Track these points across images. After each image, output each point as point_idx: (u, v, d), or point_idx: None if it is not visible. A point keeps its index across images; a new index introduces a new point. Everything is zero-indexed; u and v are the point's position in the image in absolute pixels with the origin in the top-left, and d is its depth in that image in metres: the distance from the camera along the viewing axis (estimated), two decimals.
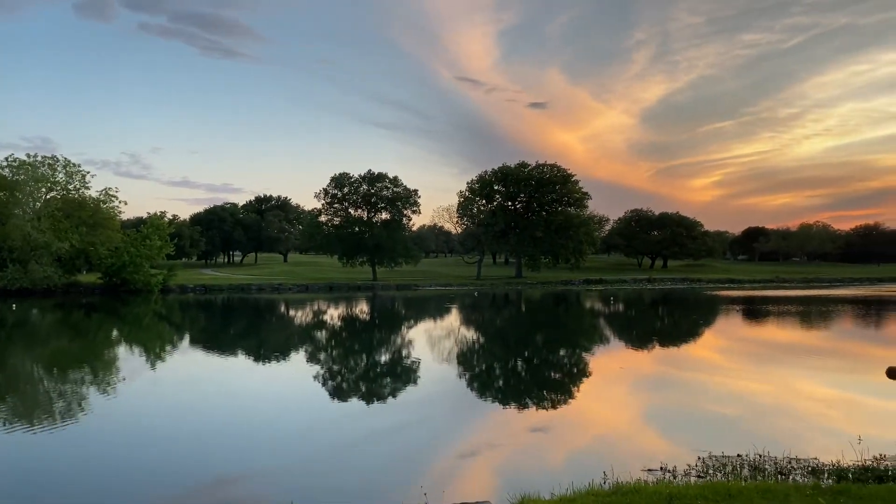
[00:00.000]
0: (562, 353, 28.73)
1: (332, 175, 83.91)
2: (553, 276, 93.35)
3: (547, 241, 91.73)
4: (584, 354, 28.00)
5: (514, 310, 53.04)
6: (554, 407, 17.24)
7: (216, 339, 32.53)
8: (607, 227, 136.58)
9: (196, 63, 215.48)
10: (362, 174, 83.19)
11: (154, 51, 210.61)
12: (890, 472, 9.73)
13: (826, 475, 9.80)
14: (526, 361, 26.09)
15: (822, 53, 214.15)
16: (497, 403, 17.93)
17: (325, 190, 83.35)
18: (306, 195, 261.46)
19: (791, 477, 9.77)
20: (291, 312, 48.85)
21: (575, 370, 23.82)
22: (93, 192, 63.84)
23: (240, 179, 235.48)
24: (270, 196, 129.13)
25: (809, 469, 10.18)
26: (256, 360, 26.00)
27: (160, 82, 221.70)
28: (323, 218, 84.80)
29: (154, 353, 28.03)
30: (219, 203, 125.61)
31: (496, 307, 54.94)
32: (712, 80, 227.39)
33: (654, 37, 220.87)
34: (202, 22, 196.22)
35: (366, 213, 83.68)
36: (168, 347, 29.65)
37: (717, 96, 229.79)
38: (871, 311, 49.31)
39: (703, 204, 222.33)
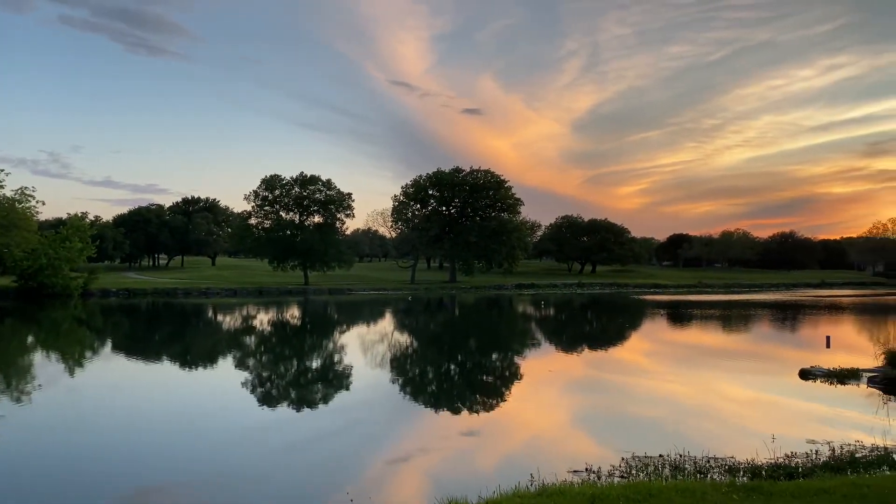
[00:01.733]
0: (494, 356, 29.02)
1: (263, 177, 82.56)
2: (486, 280, 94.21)
3: (480, 245, 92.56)
4: (515, 358, 28.36)
5: (448, 314, 53.26)
6: (485, 410, 17.41)
7: (140, 346, 31.41)
8: (539, 233, 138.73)
9: (121, 59, 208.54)
10: (294, 176, 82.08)
11: (76, 45, 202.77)
12: (800, 469, 10.25)
13: (741, 473, 10.24)
14: (459, 365, 26.24)
15: (742, 67, 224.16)
16: (429, 408, 17.98)
17: (255, 192, 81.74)
18: (236, 197, 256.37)
19: (709, 475, 10.16)
20: (219, 317, 47.68)
21: (507, 374, 24.10)
22: (7, 192, 60.62)
23: (166, 180, 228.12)
24: (198, 197, 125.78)
25: (726, 467, 10.61)
26: (182, 366, 25.25)
27: (82, 78, 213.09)
28: (253, 220, 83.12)
29: (73, 359, 26.84)
30: (144, 204, 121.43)
31: (430, 311, 55.03)
32: (640, 91, 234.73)
33: (584, 47, 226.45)
34: (127, 17, 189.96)
35: (298, 216, 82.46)
36: (88, 354, 28.46)
37: (645, 106, 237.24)
38: (786, 315, 51.75)
39: (631, 211, 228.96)
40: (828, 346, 28.57)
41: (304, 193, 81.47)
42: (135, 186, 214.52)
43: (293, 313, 50.99)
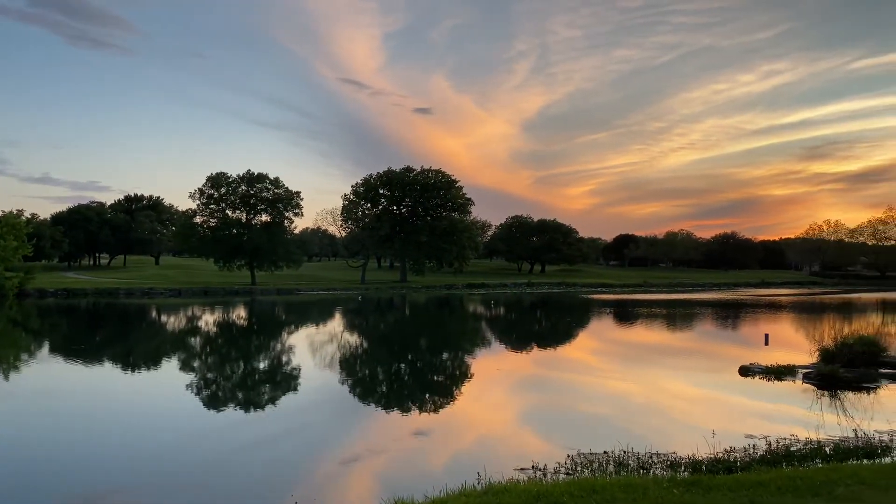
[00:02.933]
0: (444, 356, 29.09)
1: (209, 175, 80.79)
2: (437, 280, 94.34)
3: (431, 245, 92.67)
4: (465, 357, 28.49)
5: (399, 314, 53.14)
6: (435, 410, 17.44)
7: (80, 348, 30.37)
8: (489, 233, 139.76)
9: (61, 52, 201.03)
10: (241, 174, 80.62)
11: (12, 36, 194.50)
12: (738, 463, 10.57)
13: (683, 468, 10.50)
14: (409, 366, 26.21)
15: (687, 71, 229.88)
16: (379, 408, 17.91)
17: (200, 190, 79.99)
18: (181, 195, 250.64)
19: (652, 471, 10.40)
20: (163, 318, 46.54)
21: (457, 373, 24.18)
22: None
23: (108, 177, 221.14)
24: (141, 195, 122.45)
25: (668, 463, 10.86)
26: (124, 369, 24.55)
27: (20, 70, 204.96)
28: (198, 219, 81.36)
29: (7, 362, 25.81)
30: (84, 202, 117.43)
31: (380, 311, 54.82)
32: (588, 93, 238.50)
33: (533, 49, 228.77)
34: (67, 8, 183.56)
35: (244, 214, 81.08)
36: (24, 356, 27.42)
37: (593, 108, 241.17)
38: (728, 313, 53.31)
39: (579, 211, 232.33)
40: (766, 343, 29.53)
41: (252, 192, 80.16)
42: (74, 184, 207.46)
43: (240, 314, 50.12)
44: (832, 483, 8.28)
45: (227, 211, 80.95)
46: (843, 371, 20.11)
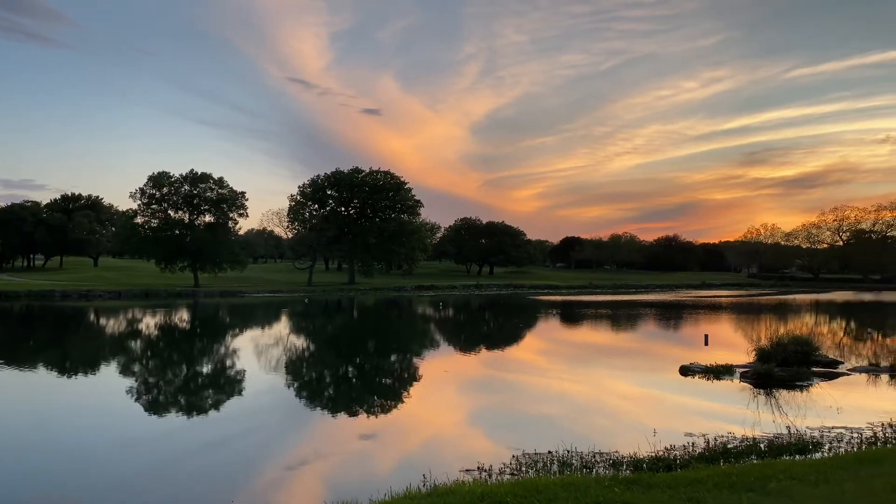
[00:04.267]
0: (392, 358, 29.01)
1: (151, 174, 78.77)
2: (386, 282, 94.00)
3: (380, 247, 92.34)
4: (413, 359, 28.47)
5: (347, 316, 52.75)
6: (382, 413, 17.39)
7: (12, 352, 29.17)
8: (439, 235, 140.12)
9: None
10: (184, 174, 78.80)
11: None
12: (678, 461, 10.86)
13: (624, 466, 10.74)
14: (357, 368, 26.05)
15: (632, 77, 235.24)
16: (326, 412, 17.75)
17: (141, 189, 77.93)
18: (121, 195, 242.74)
19: (595, 470, 10.59)
20: (102, 321, 45.11)
21: (405, 375, 24.15)
22: None
23: (43, 175, 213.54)
24: (79, 195, 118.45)
25: (611, 461, 11.09)
26: (61, 374, 23.69)
27: None
28: (139, 219, 79.19)
29: None
30: (17, 201, 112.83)
31: (328, 314, 54.32)
32: (535, 97, 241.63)
33: (482, 52, 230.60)
34: None
35: (187, 215, 79.27)
36: None
37: (540, 113, 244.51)
38: (670, 314, 54.65)
39: (527, 214, 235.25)
40: (706, 343, 30.40)
41: (195, 192, 78.45)
42: (7, 182, 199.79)
43: (182, 316, 48.96)
44: (766, 478, 8.58)
45: (169, 211, 79.09)
46: (777, 370, 20.86)
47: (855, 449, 12.02)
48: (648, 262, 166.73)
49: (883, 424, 14.07)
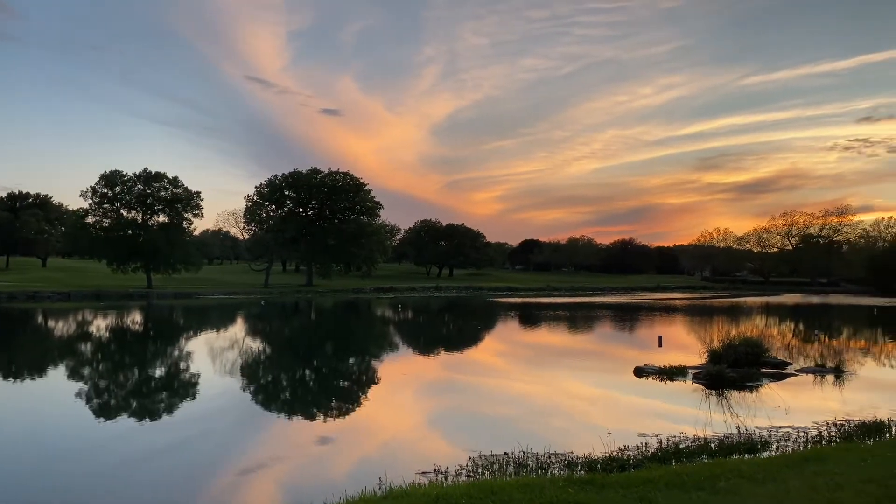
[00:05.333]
0: (350, 361, 28.83)
1: (102, 173, 76.83)
2: (344, 284, 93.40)
3: (339, 248, 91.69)
4: (372, 362, 28.37)
5: (304, 318, 52.24)
6: (340, 416, 17.28)
7: None
8: (398, 237, 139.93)
9: None
10: (137, 173, 77.02)
11: None
12: (631, 461, 11.04)
13: (579, 467, 10.87)
14: (314, 371, 25.82)
15: (590, 82, 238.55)
16: (282, 415, 17.55)
17: (93, 188, 75.95)
18: (71, 194, 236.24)
19: (550, 470, 10.69)
20: (50, 323, 43.82)
21: (363, 378, 24.04)
22: None
23: None
24: (27, 193, 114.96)
25: (566, 462, 11.20)
26: (5, 378, 22.92)
27: None
28: (90, 219, 77.12)
29: None
30: None
31: (285, 316, 53.73)
32: (495, 101, 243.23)
33: (442, 54, 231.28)
34: None
35: (141, 214, 77.55)
36: None
37: (500, 116, 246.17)
38: (625, 316, 55.51)
39: (487, 216, 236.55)
40: (660, 345, 30.96)
41: (149, 191, 76.80)
42: None
43: (134, 318, 47.88)
44: (715, 477, 8.78)
45: (121, 211, 77.28)
46: (728, 371, 21.36)
47: (801, 448, 12.38)
48: (605, 264, 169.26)
49: (828, 424, 14.52)
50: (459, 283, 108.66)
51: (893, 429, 13.77)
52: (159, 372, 24.71)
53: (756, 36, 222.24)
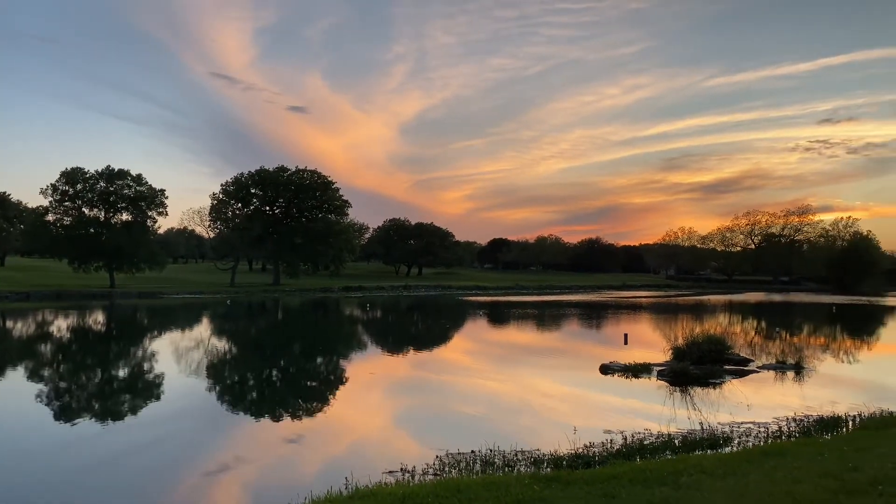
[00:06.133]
0: (318, 361, 28.66)
1: (63, 170, 75.03)
2: (312, 283, 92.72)
3: (306, 247, 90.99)
4: (340, 361, 28.22)
5: (271, 318, 51.75)
6: (307, 416, 17.16)
7: None
8: (367, 236, 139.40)
9: None
10: (100, 170, 75.36)
11: None
12: (596, 458, 11.17)
13: (545, 464, 10.96)
14: (281, 371, 25.61)
15: (558, 83, 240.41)
16: (249, 416, 17.36)
17: (53, 186, 74.11)
18: (30, 191, 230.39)
19: (516, 468, 10.76)
20: (9, 323, 42.72)
21: (331, 378, 23.91)
22: None
23: None
24: None
25: (532, 459, 11.29)
26: None
27: None
28: (50, 217, 75.32)
29: None
30: None
31: (251, 315, 53.17)
32: (464, 100, 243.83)
33: (411, 52, 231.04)
34: None
35: (103, 212, 75.99)
36: None
37: (469, 115, 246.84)
38: (592, 314, 56.07)
39: (456, 215, 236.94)
40: (626, 343, 31.33)
41: (111, 189, 75.26)
42: None
43: (97, 318, 46.95)
44: (678, 473, 8.93)
45: (83, 209, 75.63)
46: (692, 368, 21.72)
47: (761, 443, 12.66)
48: (572, 263, 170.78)
49: (787, 419, 14.88)
50: (429, 282, 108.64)
51: (850, 424, 14.15)
52: (122, 373, 24.28)
53: (720, 38, 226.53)
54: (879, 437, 11.77)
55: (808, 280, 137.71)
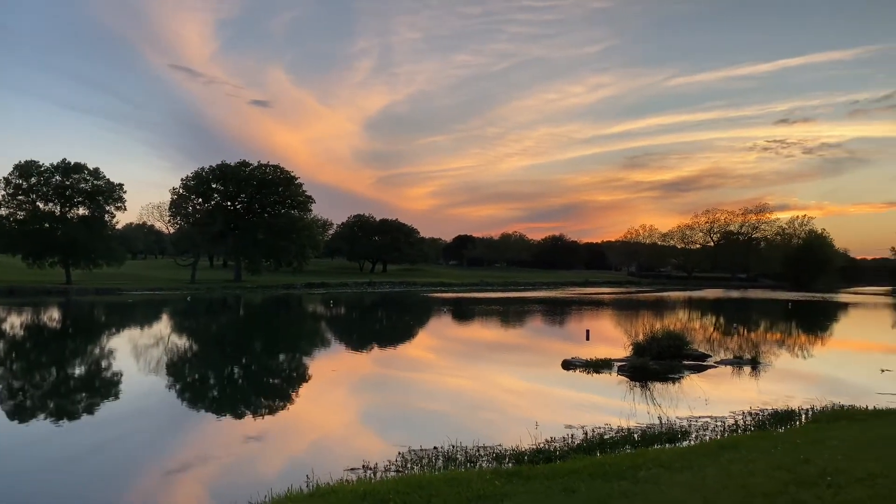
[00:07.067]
0: (280, 358, 28.39)
1: (17, 163, 72.99)
2: (274, 279, 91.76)
3: (269, 243, 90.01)
4: (302, 359, 28.01)
5: (232, 315, 51.10)
6: (269, 414, 17.00)
7: None
8: (331, 232, 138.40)
9: None
10: (55, 163, 73.56)
11: None
12: (557, 453, 11.29)
13: (507, 459, 11.04)
14: (242, 368, 25.31)
15: (522, 80, 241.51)
16: (210, 414, 17.12)
17: (6, 179, 72.16)
18: None
19: (478, 464, 10.83)
20: None
21: (293, 375, 23.73)
22: None
23: None
24: None
25: (494, 455, 11.36)
26: None
27: None
28: (3, 211, 73.23)
29: None
30: None
31: (212, 312, 52.42)
32: (429, 96, 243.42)
33: (375, 47, 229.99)
34: None
35: (59, 207, 74.21)
36: None
37: (434, 111, 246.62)
38: (555, 310, 56.58)
39: (421, 212, 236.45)
40: (587, 338, 31.69)
41: (67, 183, 73.48)
42: None
43: (52, 315, 45.80)
44: (637, 467, 9.08)
45: (38, 203, 73.75)
46: (652, 363, 22.09)
47: (718, 436, 12.94)
48: (536, 260, 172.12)
49: (743, 413, 15.23)
50: (393, 279, 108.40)
51: (803, 417, 14.56)
52: (79, 371, 23.74)
53: (682, 38, 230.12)
54: (830, 429, 12.13)
55: (764, 277, 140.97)
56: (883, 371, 22.86)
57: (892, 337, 40.35)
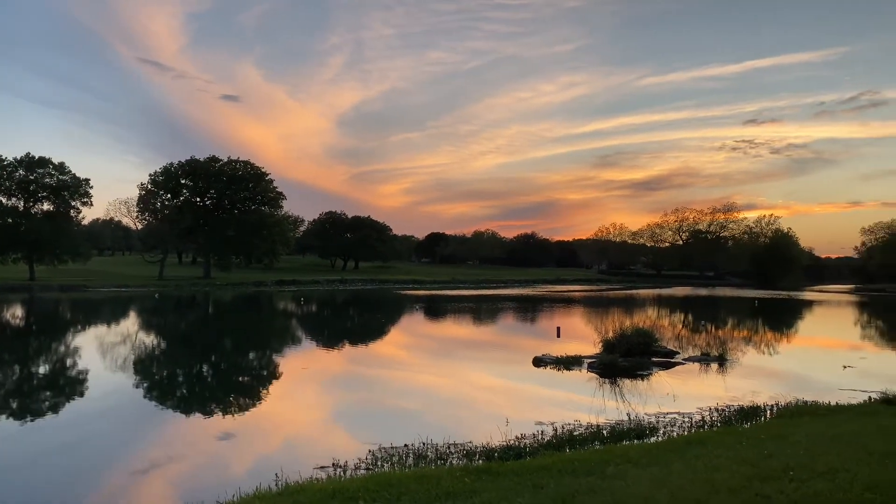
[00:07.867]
0: (250, 356, 28.16)
1: None
2: (245, 276, 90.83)
3: (239, 240, 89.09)
4: (273, 357, 27.78)
5: (201, 312, 50.50)
6: (238, 413, 16.82)
7: None
8: (302, 229, 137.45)
9: None
10: (18, 157, 72.10)
11: None
12: (527, 449, 11.36)
13: (477, 456, 11.08)
14: (212, 367, 25.04)
15: (495, 78, 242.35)
16: (179, 413, 16.90)
17: None
18: None
19: (449, 461, 10.85)
20: None
21: (263, 373, 23.53)
22: None
23: None
24: None
25: (464, 452, 11.39)
26: None
27: None
28: None
29: None
30: None
31: (181, 310, 51.75)
32: (402, 93, 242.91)
33: (348, 43, 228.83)
34: None
35: (22, 202, 72.72)
36: None
37: (407, 108, 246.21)
38: (526, 308, 56.88)
39: (393, 209, 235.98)
40: (558, 336, 31.94)
41: (31, 177, 72.07)
42: None
43: (14, 313, 44.83)
44: (605, 463, 9.18)
45: (0, 198, 72.21)
46: (621, 360, 22.34)
47: (685, 432, 13.13)
48: (508, 257, 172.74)
49: (710, 409, 15.47)
50: (365, 276, 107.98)
51: (768, 413, 14.83)
52: (43, 370, 23.27)
53: (653, 38, 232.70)
54: (794, 425, 12.39)
55: (732, 275, 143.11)
56: (845, 367, 23.39)
57: (854, 334, 41.31)
